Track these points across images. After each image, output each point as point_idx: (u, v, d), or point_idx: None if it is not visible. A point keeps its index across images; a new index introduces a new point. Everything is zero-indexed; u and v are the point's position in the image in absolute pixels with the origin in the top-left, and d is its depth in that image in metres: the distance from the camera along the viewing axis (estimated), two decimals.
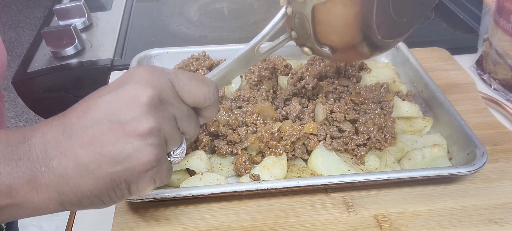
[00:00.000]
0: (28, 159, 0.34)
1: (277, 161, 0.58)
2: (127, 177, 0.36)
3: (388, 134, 0.59)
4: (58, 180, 0.35)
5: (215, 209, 0.54)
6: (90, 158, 0.34)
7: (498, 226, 0.52)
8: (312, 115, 0.62)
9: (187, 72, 0.41)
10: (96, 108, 0.36)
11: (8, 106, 2.36)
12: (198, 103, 0.41)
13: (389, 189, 0.56)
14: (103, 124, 0.35)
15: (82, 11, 0.99)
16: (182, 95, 0.40)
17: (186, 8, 1.12)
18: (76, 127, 0.35)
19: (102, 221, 0.54)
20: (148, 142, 0.35)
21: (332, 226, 0.52)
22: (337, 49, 0.51)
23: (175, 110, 0.39)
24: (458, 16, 1.03)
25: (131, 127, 0.35)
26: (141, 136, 0.35)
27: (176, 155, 0.40)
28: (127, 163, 0.35)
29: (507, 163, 0.60)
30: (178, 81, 0.39)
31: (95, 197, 0.36)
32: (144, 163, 0.35)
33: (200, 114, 0.43)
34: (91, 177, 0.35)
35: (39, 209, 0.36)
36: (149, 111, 0.35)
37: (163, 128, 0.37)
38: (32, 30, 3.04)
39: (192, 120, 0.41)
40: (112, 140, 0.35)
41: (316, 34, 0.50)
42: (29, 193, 0.35)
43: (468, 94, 0.74)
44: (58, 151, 0.35)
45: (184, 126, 0.40)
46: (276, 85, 0.71)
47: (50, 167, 0.34)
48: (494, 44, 0.77)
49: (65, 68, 0.87)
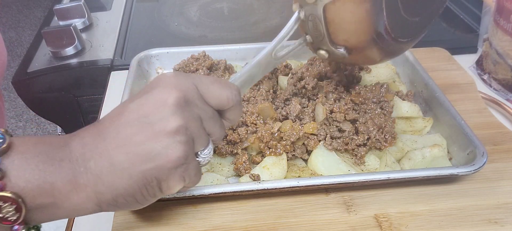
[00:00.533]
0: (69, 160, 0.37)
1: (277, 161, 0.58)
2: (158, 175, 0.38)
3: (388, 134, 0.59)
4: (95, 179, 0.37)
5: (215, 209, 0.54)
6: (123, 157, 0.37)
7: (498, 226, 0.52)
8: (312, 115, 0.62)
9: (210, 76, 0.44)
10: (127, 112, 0.38)
11: (8, 106, 2.36)
12: (221, 105, 0.43)
13: (389, 189, 0.56)
14: (134, 125, 0.38)
15: (82, 11, 0.99)
16: (206, 97, 0.42)
17: (186, 8, 1.12)
18: (109, 130, 0.38)
19: (102, 221, 0.54)
20: (176, 140, 0.38)
21: (332, 226, 0.52)
22: (352, 49, 0.51)
23: (200, 111, 0.41)
24: (458, 16, 1.03)
25: (160, 127, 0.37)
26: (170, 134, 0.37)
27: (203, 155, 0.42)
28: (158, 161, 0.37)
29: (507, 163, 0.60)
30: (201, 84, 0.42)
31: (129, 196, 0.38)
32: (173, 160, 0.38)
33: (225, 117, 0.45)
34: (125, 176, 0.37)
35: (76, 209, 0.38)
36: (176, 111, 0.38)
37: (190, 126, 0.39)
38: (32, 30, 3.04)
39: (217, 121, 0.43)
40: (143, 140, 0.37)
41: (330, 35, 0.51)
42: (70, 193, 0.37)
43: (468, 94, 0.74)
44: (94, 153, 0.37)
45: (210, 126, 0.42)
46: (276, 85, 0.71)
47: (87, 168, 0.37)
48: (494, 44, 0.77)
49: (65, 68, 0.87)
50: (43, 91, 0.89)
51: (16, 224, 0.36)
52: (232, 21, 1.07)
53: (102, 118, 0.40)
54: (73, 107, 0.91)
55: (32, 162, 0.36)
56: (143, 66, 0.76)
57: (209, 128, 0.42)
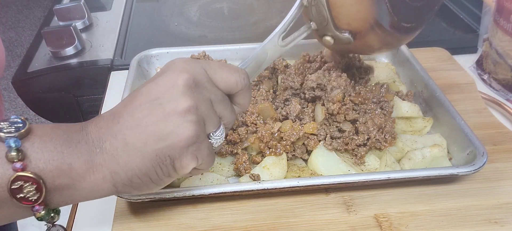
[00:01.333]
0: (85, 142, 0.39)
1: (277, 161, 0.58)
2: (171, 153, 0.39)
3: (388, 134, 0.59)
4: (111, 159, 0.39)
5: (215, 209, 0.54)
6: (136, 137, 0.38)
7: (498, 226, 0.52)
8: (312, 115, 0.62)
9: (219, 61, 0.46)
10: (139, 96, 0.40)
11: (8, 106, 2.36)
12: (230, 88, 0.44)
13: (389, 189, 0.56)
14: (146, 107, 0.39)
15: (82, 11, 0.99)
16: (215, 80, 0.43)
17: (186, 8, 1.12)
18: (123, 113, 0.40)
19: (102, 221, 0.54)
20: (187, 119, 0.39)
21: (332, 226, 0.52)
22: (356, 33, 0.51)
23: (210, 94, 0.42)
24: (458, 16, 1.03)
25: (171, 107, 0.39)
26: (180, 114, 0.39)
27: (216, 137, 0.43)
28: (170, 139, 0.39)
29: (507, 163, 0.60)
30: (210, 68, 0.43)
31: (144, 175, 0.40)
32: (185, 138, 0.39)
33: (235, 102, 0.46)
34: (138, 155, 0.39)
35: (94, 190, 0.39)
36: (186, 92, 0.39)
37: (200, 107, 0.40)
38: (32, 30, 3.04)
39: (227, 105, 0.44)
40: (155, 120, 0.39)
41: (334, 19, 0.51)
42: (87, 173, 0.38)
43: (468, 94, 0.74)
44: (109, 135, 0.39)
45: (220, 109, 0.43)
46: (276, 85, 0.71)
47: (103, 148, 0.39)
48: (494, 44, 0.77)
49: (65, 68, 0.87)
50: (43, 91, 0.89)
51: (36, 205, 0.37)
52: (232, 21, 1.07)
53: (117, 105, 0.41)
54: (73, 107, 0.91)
55: (50, 144, 0.38)
56: (143, 66, 0.76)
57: (220, 110, 0.43)
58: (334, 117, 0.61)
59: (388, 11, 0.49)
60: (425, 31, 0.97)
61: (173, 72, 0.40)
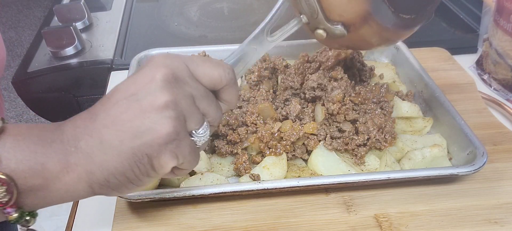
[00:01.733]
0: (60, 141, 0.37)
1: (277, 161, 0.58)
2: (148, 151, 0.37)
3: (388, 134, 0.59)
4: (86, 158, 0.37)
5: (215, 209, 0.54)
6: (112, 135, 0.37)
7: (498, 226, 0.52)
8: (312, 115, 0.62)
9: (202, 56, 0.43)
10: (116, 93, 0.38)
11: (8, 106, 2.36)
12: (214, 84, 0.42)
13: (389, 189, 0.56)
14: (123, 104, 0.37)
15: (82, 11, 0.99)
16: (198, 75, 0.41)
17: (186, 8, 1.12)
18: (100, 111, 0.38)
19: (102, 221, 0.54)
20: (165, 115, 0.37)
21: (332, 226, 0.52)
22: (349, 26, 0.49)
23: (192, 89, 0.40)
24: (458, 16, 1.03)
25: (148, 102, 0.37)
26: (158, 110, 0.37)
27: (199, 135, 0.41)
28: (146, 136, 0.37)
29: (507, 163, 0.60)
30: (192, 63, 0.41)
31: (121, 174, 0.38)
32: (163, 135, 0.37)
33: (221, 99, 0.44)
34: (115, 153, 0.37)
35: (69, 191, 0.38)
36: (164, 86, 0.37)
37: (180, 102, 0.38)
38: (32, 30, 3.04)
39: (211, 101, 0.42)
40: (131, 117, 0.37)
41: (324, 11, 0.49)
42: (61, 173, 0.37)
43: (468, 94, 0.74)
44: (85, 133, 0.37)
45: (203, 106, 0.41)
46: (276, 85, 0.71)
47: (78, 147, 0.37)
48: (494, 44, 0.77)
49: (65, 68, 0.87)
50: (43, 91, 0.89)
51: (7, 207, 0.36)
52: (232, 21, 1.07)
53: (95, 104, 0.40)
54: (73, 107, 0.91)
55: (23, 144, 0.36)
56: None
57: (203, 107, 0.41)
58: (334, 117, 0.61)
59: (383, 0, 0.46)
60: (425, 31, 0.98)
61: (152, 67, 0.39)
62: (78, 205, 0.56)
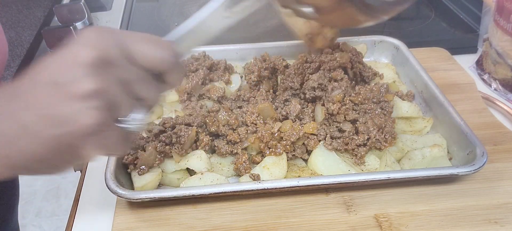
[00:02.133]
0: None
1: (277, 160, 0.58)
2: (71, 141, 0.34)
3: (388, 134, 0.59)
4: (4, 142, 0.34)
5: (215, 209, 0.54)
6: (32, 120, 0.34)
7: (498, 226, 0.52)
8: (312, 115, 0.62)
9: (142, 33, 0.39)
10: (39, 70, 0.35)
11: None
12: (154, 67, 0.38)
13: (389, 189, 0.56)
14: (45, 86, 0.34)
15: (82, 11, 0.99)
16: (134, 56, 0.37)
17: (186, 8, 1.12)
18: (20, 90, 0.35)
19: (102, 221, 0.54)
20: (89, 105, 0.34)
21: (332, 226, 0.52)
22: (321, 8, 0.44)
23: (126, 73, 0.36)
24: (458, 16, 1.03)
25: (71, 89, 0.33)
26: (81, 99, 0.33)
27: (132, 122, 0.38)
28: (68, 126, 0.34)
29: (507, 163, 0.60)
30: (130, 42, 0.37)
31: (43, 161, 0.35)
32: (84, 127, 0.34)
33: (163, 79, 0.40)
34: (35, 140, 0.34)
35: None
36: (90, 73, 0.34)
37: (108, 91, 0.35)
38: (32, 30, 3.04)
39: (149, 84, 0.38)
40: (52, 102, 0.34)
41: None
42: None
43: (468, 94, 0.73)
44: (2, 115, 0.34)
45: (140, 90, 0.38)
46: (276, 85, 0.71)
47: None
48: (494, 44, 0.77)
49: None
50: None
51: None
52: None
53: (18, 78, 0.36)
54: None
55: None
56: None
57: (139, 91, 0.37)
58: (334, 117, 0.61)
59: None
60: (425, 31, 0.98)
61: (80, 46, 0.35)
62: (78, 205, 0.56)
